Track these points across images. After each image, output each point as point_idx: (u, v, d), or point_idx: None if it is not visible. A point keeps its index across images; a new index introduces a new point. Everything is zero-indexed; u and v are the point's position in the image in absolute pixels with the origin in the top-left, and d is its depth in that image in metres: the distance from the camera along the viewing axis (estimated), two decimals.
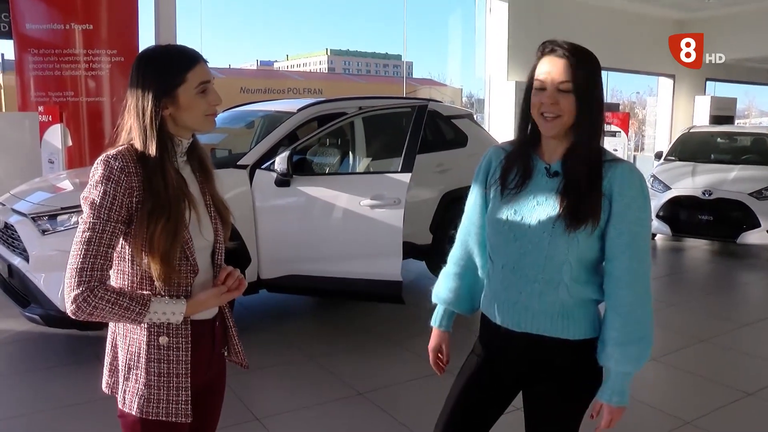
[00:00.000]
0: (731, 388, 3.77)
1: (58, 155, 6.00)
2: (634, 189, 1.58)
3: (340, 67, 76.75)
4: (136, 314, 1.44)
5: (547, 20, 10.47)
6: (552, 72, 1.57)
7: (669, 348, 4.50)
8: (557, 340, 1.64)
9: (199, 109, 1.53)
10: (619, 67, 12.72)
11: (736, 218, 7.29)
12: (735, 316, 5.40)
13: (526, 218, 1.63)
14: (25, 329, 4.42)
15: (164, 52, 1.54)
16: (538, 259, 1.61)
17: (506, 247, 1.67)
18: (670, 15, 12.50)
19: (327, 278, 4.35)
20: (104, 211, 1.43)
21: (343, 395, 3.58)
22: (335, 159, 5.33)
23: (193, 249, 1.53)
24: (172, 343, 1.52)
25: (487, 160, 1.77)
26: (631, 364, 1.60)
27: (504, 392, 1.78)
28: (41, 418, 3.27)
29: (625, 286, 1.59)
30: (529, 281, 1.63)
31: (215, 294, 1.58)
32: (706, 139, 9.27)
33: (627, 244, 1.58)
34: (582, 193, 1.57)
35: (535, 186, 1.64)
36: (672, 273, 7.20)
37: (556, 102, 1.57)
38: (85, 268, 1.41)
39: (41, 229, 3.89)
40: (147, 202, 1.45)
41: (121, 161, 1.45)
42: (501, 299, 1.70)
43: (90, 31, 6.55)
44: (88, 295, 1.40)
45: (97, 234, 1.42)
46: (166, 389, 1.52)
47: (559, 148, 1.64)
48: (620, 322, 1.59)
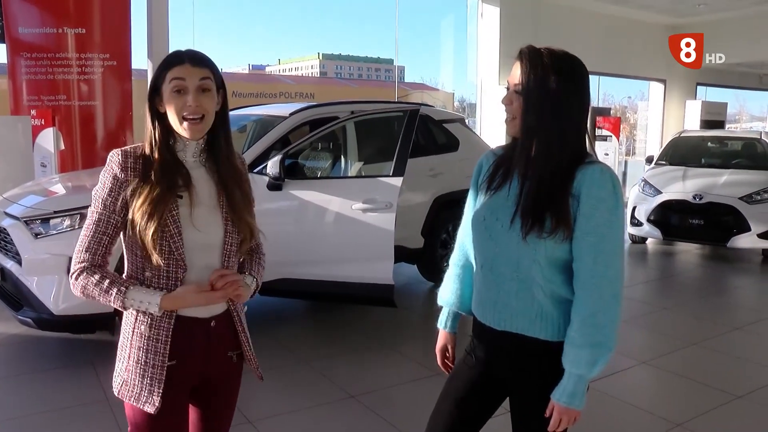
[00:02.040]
0: (721, 391, 3.80)
1: (50, 159, 5.99)
2: (604, 190, 1.55)
3: (332, 71, 76.79)
4: (114, 297, 1.54)
5: (538, 25, 10.53)
6: (512, 75, 1.62)
7: (660, 351, 4.53)
8: (536, 340, 1.64)
9: (174, 108, 1.57)
10: (610, 72, 12.82)
11: (726, 222, 7.34)
12: (725, 319, 5.43)
13: (499, 219, 1.65)
14: (17, 332, 4.41)
15: (169, 53, 1.64)
16: (511, 259, 1.62)
17: (484, 247, 1.70)
18: (661, 21, 12.59)
19: (319, 281, 4.36)
20: (100, 201, 1.58)
21: (336, 398, 3.59)
22: (327, 163, 5.34)
23: (180, 243, 1.57)
24: (153, 334, 1.59)
25: (479, 164, 1.82)
26: (585, 367, 1.56)
27: (493, 392, 1.79)
28: (34, 421, 3.26)
29: (588, 288, 1.56)
30: (505, 280, 1.65)
31: (193, 291, 1.58)
32: (697, 144, 9.34)
33: (592, 245, 1.55)
34: (542, 196, 1.57)
35: (511, 188, 1.66)
36: (663, 277, 7.24)
37: (510, 103, 1.61)
38: (80, 251, 1.58)
39: (34, 233, 3.89)
40: (136, 184, 1.56)
41: (122, 156, 1.58)
42: (484, 298, 1.73)
43: (83, 35, 6.55)
44: (79, 273, 1.57)
45: (93, 221, 1.58)
46: (141, 376, 1.59)
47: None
48: (579, 324, 1.57)
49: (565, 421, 1.60)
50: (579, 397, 1.59)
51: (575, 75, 1.61)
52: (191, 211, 1.59)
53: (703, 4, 11.31)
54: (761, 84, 16.77)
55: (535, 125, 1.58)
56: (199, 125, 1.59)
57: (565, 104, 1.58)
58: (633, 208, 8.00)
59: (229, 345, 1.73)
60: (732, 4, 11.23)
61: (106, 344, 4.05)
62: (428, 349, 2.02)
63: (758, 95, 19.48)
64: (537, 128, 1.58)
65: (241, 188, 1.68)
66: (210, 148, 1.66)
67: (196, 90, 1.56)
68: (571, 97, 1.59)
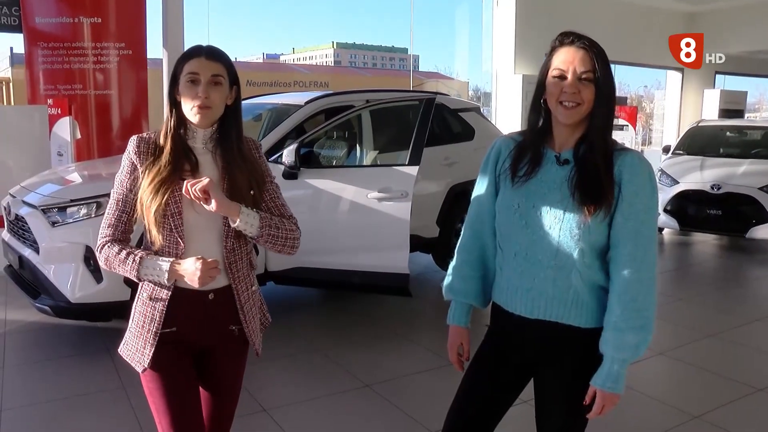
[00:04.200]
0: (740, 383, 3.76)
1: (67, 148, 6.02)
2: (643, 177, 1.61)
3: (346, 60, 76.54)
4: (130, 268, 1.70)
5: (554, 13, 10.41)
6: (574, 62, 1.60)
7: (677, 342, 4.49)
8: (570, 327, 1.66)
9: (187, 99, 1.71)
10: (627, 61, 12.64)
11: (745, 213, 7.24)
12: (744, 311, 5.37)
13: (537, 205, 1.65)
14: (35, 320, 4.45)
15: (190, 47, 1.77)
16: (551, 245, 1.63)
17: (518, 235, 1.68)
18: (680, 8, 12.40)
19: (334, 270, 4.36)
20: (119, 182, 1.76)
21: (351, 387, 3.59)
22: (342, 152, 5.33)
23: (180, 222, 1.71)
24: (152, 301, 1.75)
25: (497, 149, 1.79)
26: (629, 351, 1.60)
27: (515, 382, 1.79)
28: (51, 407, 3.30)
29: (628, 272, 1.60)
30: (542, 267, 1.65)
31: (190, 264, 1.68)
32: (715, 133, 9.21)
33: (633, 230, 1.59)
34: (597, 180, 1.59)
35: (545, 174, 1.66)
36: (680, 267, 7.18)
37: (578, 91, 1.60)
38: (104, 227, 1.75)
39: (51, 221, 3.92)
40: (147, 164, 1.72)
41: (138, 141, 1.75)
42: (514, 287, 1.71)
43: (98, 25, 6.56)
44: (101, 246, 1.74)
45: (114, 200, 1.76)
46: (136, 338, 1.77)
47: (571, 137, 1.67)
48: (621, 308, 1.60)
49: (608, 407, 1.64)
50: (621, 382, 1.62)
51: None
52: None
53: None
54: None
55: (604, 113, 1.63)
56: (207, 114, 1.71)
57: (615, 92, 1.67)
58: None
59: (230, 319, 1.83)
60: None
61: (121, 332, 4.07)
62: (443, 338, 1.97)
63: None
64: (605, 116, 1.63)
65: (244, 174, 1.76)
66: (220, 138, 1.78)
67: (207, 82, 1.69)
68: (615, 85, 1.67)
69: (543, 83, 1.66)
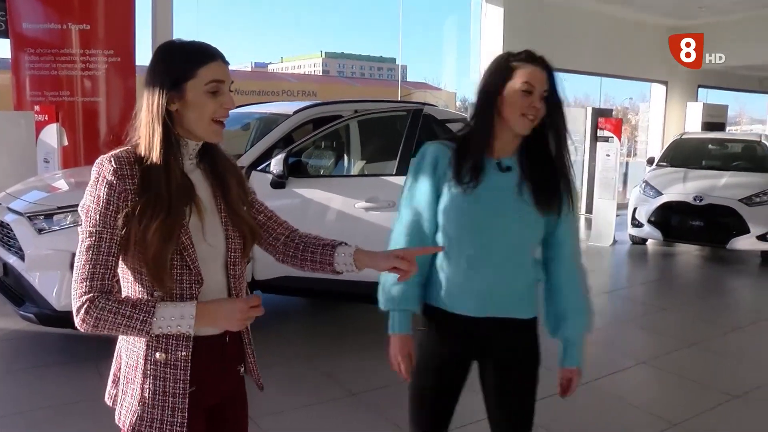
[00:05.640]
0: (719, 391, 3.82)
1: (53, 155, 5.99)
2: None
3: (334, 70, 76.61)
4: (140, 323, 1.34)
5: (541, 26, 10.53)
6: (539, 80, 1.72)
7: (659, 351, 4.56)
8: (515, 320, 1.81)
9: (206, 111, 1.41)
10: (612, 73, 12.82)
11: (726, 224, 7.37)
12: (723, 320, 5.46)
13: (489, 210, 1.75)
14: (20, 328, 4.43)
15: (182, 44, 1.44)
16: (505, 247, 1.76)
17: (471, 238, 1.77)
18: (663, 22, 12.59)
19: (321, 280, 4.34)
20: (99, 217, 1.35)
21: (338, 396, 3.61)
22: (330, 161, 5.36)
23: (195, 257, 1.42)
24: (170, 359, 1.41)
25: (433, 157, 1.82)
26: (586, 329, 1.86)
27: (463, 378, 1.91)
28: (35, 416, 3.29)
29: (575, 265, 1.85)
30: (495, 268, 1.76)
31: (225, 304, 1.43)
32: (698, 146, 9.37)
33: (574, 227, 1.86)
34: (548, 185, 1.77)
35: (489, 180, 1.76)
36: (663, 278, 7.27)
37: (540, 107, 1.73)
38: (85, 278, 1.33)
39: (37, 228, 3.91)
40: (143, 199, 1.36)
41: (116, 163, 1.37)
42: (461, 288, 1.79)
43: (87, 31, 6.56)
44: (89, 306, 1.33)
45: (94, 241, 1.34)
46: (161, 408, 1.42)
47: (510, 145, 1.79)
48: (576, 296, 1.84)
49: (576, 381, 1.87)
50: (583, 356, 1.88)
51: None
52: (198, 221, 1.44)
53: (704, 7, 11.30)
54: (761, 87, 16.75)
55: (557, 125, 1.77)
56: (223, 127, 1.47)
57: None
58: (634, 209, 8.03)
59: (238, 359, 1.61)
60: (732, 7, 11.22)
61: (107, 340, 4.05)
62: None
63: (758, 98, 19.45)
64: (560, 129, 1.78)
65: (238, 180, 1.56)
66: (204, 148, 1.51)
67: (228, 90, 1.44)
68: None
69: (498, 92, 1.73)
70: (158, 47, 1.46)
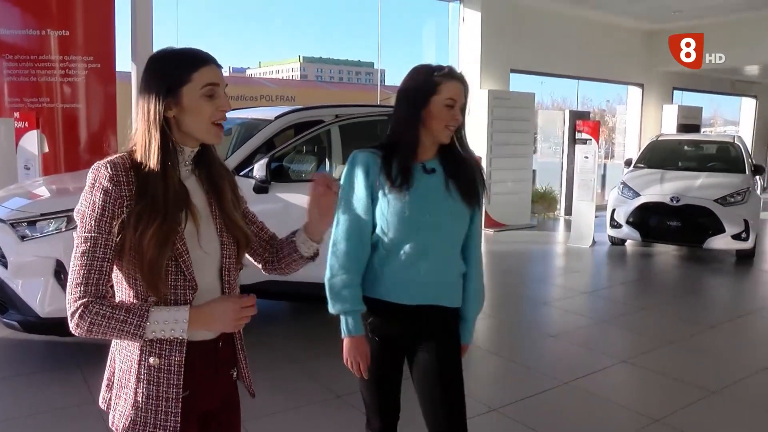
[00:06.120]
0: (697, 387, 3.92)
1: (34, 161, 5.96)
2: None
3: (312, 74, 76.53)
4: (134, 327, 1.35)
5: (519, 30, 10.64)
6: (460, 95, 1.94)
7: (639, 350, 4.64)
8: (443, 307, 2.01)
9: (204, 114, 1.43)
10: (589, 76, 12.97)
11: (702, 224, 7.51)
12: (701, 318, 5.57)
13: (424, 210, 1.94)
14: (3, 336, 4.40)
15: (174, 51, 1.46)
16: (441, 240, 1.97)
17: (410, 236, 1.94)
18: (639, 26, 12.79)
19: (306, 283, 4.37)
20: (94, 223, 1.36)
21: (323, 398, 3.64)
22: (312, 165, 5.38)
23: (189, 263, 1.44)
24: (163, 364, 1.43)
25: (364, 164, 1.98)
26: (479, 310, 2.11)
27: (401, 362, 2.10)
28: (20, 423, 3.28)
29: (478, 253, 2.09)
30: (430, 261, 1.95)
31: (219, 306, 1.44)
32: (674, 147, 9.54)
33: (480, 220, 2.08)
34: (472, 183, 2.00)
35: (419, 182, 1.95)
36: (642, 278, 7.38)
37: (460, 118, 1.95)
38: (79, 284, 1.35)
39: (20, 235, 3.89)
40: (139, 206, 1.37)
41: (112, 169, 1.38)
42: (401, 280, 1.97)
43: (66, 37, 6.52)
44: (83, 311, 1.34)
45: (89, 247, 1.36)
46: (154, 413, 1.43)
47: (430, 149, 1.98)
48: (478, 282, 2.09)
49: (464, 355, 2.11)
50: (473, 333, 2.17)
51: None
52: (194, 227, 1.45)
53: (678, 11, 11.51)
54: (734, 89, 17.06)
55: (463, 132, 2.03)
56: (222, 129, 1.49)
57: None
58: (612, 210, 8.14)
59: (230, 363, 1.62)
60: (705, 13, 11.42)
61: (93, 347, 4.05)
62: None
63: (731, 100, 19.75)
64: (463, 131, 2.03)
65: (232, 187, 1.58)
66: (199, 154, 1.53)
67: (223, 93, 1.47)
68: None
69: (424, 105, 1.91)
70: (150, 57, 1.47)
